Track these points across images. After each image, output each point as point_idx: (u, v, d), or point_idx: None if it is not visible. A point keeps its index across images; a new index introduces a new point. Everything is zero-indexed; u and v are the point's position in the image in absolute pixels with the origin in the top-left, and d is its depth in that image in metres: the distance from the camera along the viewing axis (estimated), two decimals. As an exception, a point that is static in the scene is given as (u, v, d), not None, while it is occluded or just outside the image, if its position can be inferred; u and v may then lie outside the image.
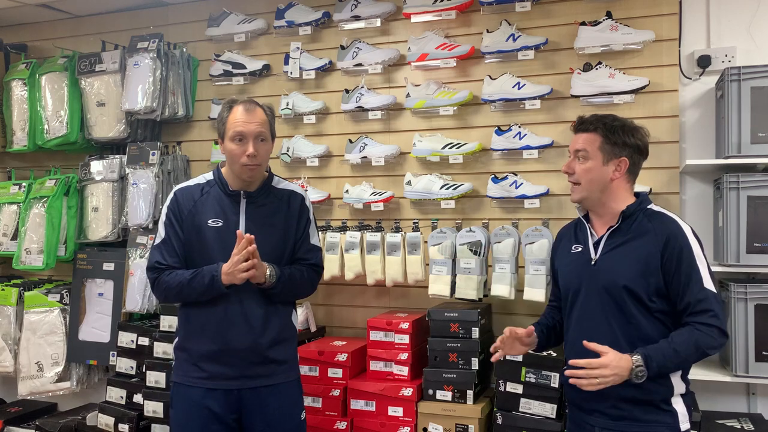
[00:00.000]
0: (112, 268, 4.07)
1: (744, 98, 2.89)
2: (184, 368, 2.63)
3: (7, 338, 4.19)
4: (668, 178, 3.23)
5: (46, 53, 4.49)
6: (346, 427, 3.26)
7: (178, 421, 2.63)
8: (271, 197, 2.68)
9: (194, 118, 4.17)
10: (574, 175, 2.32)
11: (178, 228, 2.61)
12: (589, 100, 3.28)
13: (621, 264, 2.21)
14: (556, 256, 2.50)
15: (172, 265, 2.59)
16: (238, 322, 2.56)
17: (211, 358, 2.57)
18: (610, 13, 3.25)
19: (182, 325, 2.67)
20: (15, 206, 4.29)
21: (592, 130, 2.29)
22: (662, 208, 2.32)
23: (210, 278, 2.49)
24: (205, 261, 2.56)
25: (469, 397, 3.11)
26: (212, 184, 2.66)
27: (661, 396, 2.17)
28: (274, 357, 2.62)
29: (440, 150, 3.50)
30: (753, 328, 2.86)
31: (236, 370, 2.57)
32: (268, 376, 2.60)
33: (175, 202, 2.64)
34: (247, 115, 2.53)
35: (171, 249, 2.60)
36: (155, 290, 2.65)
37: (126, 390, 3.78)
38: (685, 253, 2.16)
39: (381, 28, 3.72)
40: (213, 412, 2.56)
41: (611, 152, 2.27)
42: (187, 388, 2.60)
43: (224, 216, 2.60)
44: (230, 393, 2.57)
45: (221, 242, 2.56)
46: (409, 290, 3.67)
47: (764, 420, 3.02)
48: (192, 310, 2.62)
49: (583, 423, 2.30)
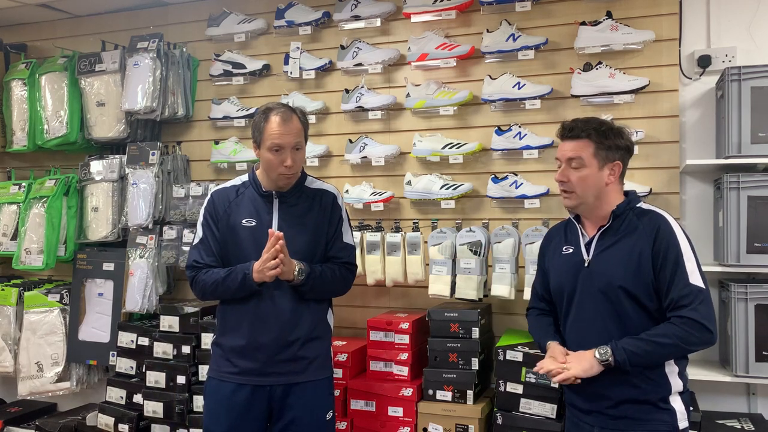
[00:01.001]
0: (112, 268, 4.08)
1: (744, 98, 2.89)
2: (218, 363, 2.70)
3: (7, 338, 4.19)
4: (668, 178, 3.23)
5: (46, 53, 4.49)
6: (346, 427, 3.26)
7: (210, 414, 2.70)
8: (304, 197, 2.73)
9: (194, 118, 4.17)
10: (569, 183, 2.27)
11: (214, 228, 2.69)
12: (589, 100, 3.28)
13: (614, 264, 2.20)
14: (546, 256, 2.47)
15: (209, 264, 2.68)
16: (269, 319, 2.62)
17: (242, 353, 2.63)
18: (610, 13, 3.25)
19: (219, 321, 2.75)
20: (15, 206, 4.29)
21: (585, 137, 2.24)
22: (651, 205, 2.31)
23: (242, 276, 2.56)
24: (240, 260, 2.63)
25: (469, 397, 3.11)
26: (247, 185, 2.74)
27: (660, 395, 2.17)
28: (304, 354, 2.65)
29: (440, 150, 3.50)
30: (753, 328, 2.86)
31: (266, 366, 2.62)
32: (297, 373, 2.64)
33: (212, 203, 2.73)
34: (284, 126, 2.58)
35: (208, 248, 2.69)
36: (193, 288, 2.72)
37: (126, 390, 3.78)
38: (671, 249, 2.15)
39: (381, 28, 3.72)
40: (243, 406, 2.61)
41: (606, 157, 2.24)
42: (219, 382, 2.67)
43: (257, 216, 2.67)
44: (260, 388, 2.62)
45: (255, 241, 2.62)
46: (409, 290, 3.66)
47: (764, 420, 3.02)
48: (227, 307, 2.70)
49: (581, 423, 2.30)
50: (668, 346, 2.11)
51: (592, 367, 2.15)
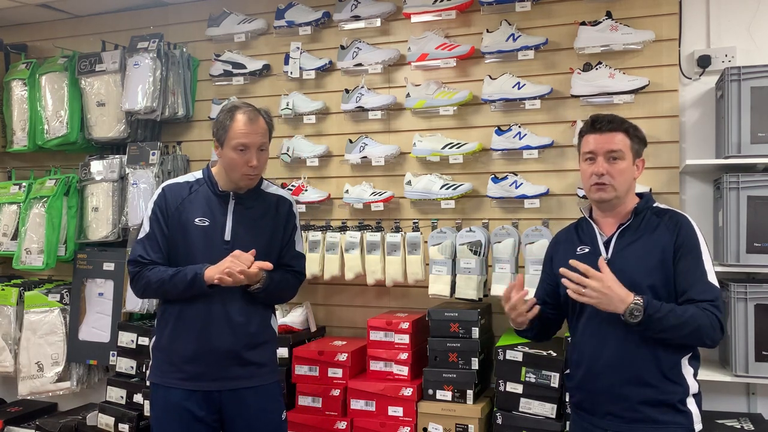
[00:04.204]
0: (112, 268, 4.07)
1: (744, 98, 2.89)
2: (162, 369, 2.60)
3: (7, 338, 4.19)
4: (668, 178, 3.23)
5: (46, 53, 4.49)
6: (346, 427, 3.26)
7: (159, 423, 2.61)
8: (260, 200, 2.68)
9: (194, 118, 4.17)
10: (607, 176, 2.21)
11: (163, 224, 2.59)
12: (589, 100, 3.28)
13: (637, 262, 2.17)
14: (554, 261, 2.40)
15: (155, 261, 2.57)
16: (220, 323, 2.54)
17: (192, 358, 2.54)
18: (610, 13, 3.25)
19: (162, 324, 2.63)
20: (15, 206, 4.29)
21: (622, 129, 2.24)
22: (667, 205, 2.33)
23: (192, 276, 2.47)
24: (189, 259, 2.54)
25: (469, 397, 3.12)
26: (201, 182, 2.65)
27: (679, 396, 2.13)
28: (254, 359, 2.60)
29: (440, 150, 3.50)
30: (753, 328, 2.86)
31: (216, 372, 2.55)
32: (248, 377, 2.59)
33: (163, 197, 2.62)
34: (250, 126, 2.53)
35: (155, 244, 2.57)
36: (134, 284, 2.61)
37: (126, 390, 3.78)
38: (693, 244, 2.14)
39: (381, 28, 3.72)
40: (193, 413, 2.54)
41: (637, 152, 2.27)
42: (167, 389, 2.57)
43: (211, 215, 2.59)
44: (210, 394, 2.55)
45: (206, 241, 2.56)
46: (409, 290, 3.67)
47: (764, 420, 3.02)
48: (174, 310, 2.59)
49: (592, 428, 2.23)
50: (690, 326, 2.05)
51: (622, 301, 2.04)
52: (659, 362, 2.13)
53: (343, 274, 3.56)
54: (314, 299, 3.79)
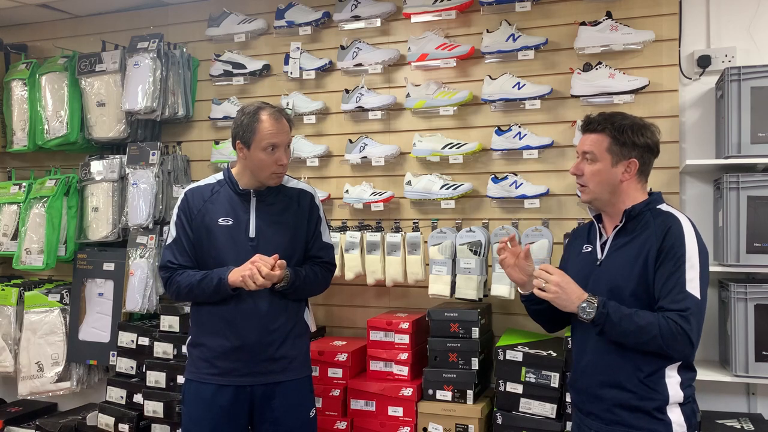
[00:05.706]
0: (112, 268, 4.08)
1: (744, 98, 2.89)
2: (196, 365, 2.67)
3: (7, 338, 4.19)
4: (668, 178, 3.23)
5: (46, 53, 4.49)
6: (346, 427, 3.26)
7: (190, 417, 2.66)
8: (281, 196, 2.72)
9: (194, 118, 4.17)
10: (583, 177, 2.24)
11: (188, 228, 2.65)
12: (589, 100, 3.28)
13: (622, 264, 2.16)
14: (568, 255, 2.44)
15: (183, 264, 2.65)
16: (250, 319, 2.60)
17: (223, 354, 2.60)
18: (610, 13, 3.25)
19: (195, 322, 2.71)
20: (15, 206, 4.29)
21: (600, 130, 2.21)
22: (672, 207, 2.24)
23: (217, 281, 2.54)
24: (216, 259, 2.61)
25: (469, 397, 3.12)
26: (222, 183, 2.71)
27: (656, 404, 2.10)
28: (284, 353, 2.64)
29: (440, 150, 3.50)
30: (753, 328, 2.86)
31: (247, 367, 2.60)
32: (278, 372, 2.63)
33: (186, 202, 2.69)
34: (277, 125, 2.58)
35: (182, 248, 2.66)
36: (167, 289, 2.70)
37: (126, 390, 3.78)
38: (676, 249, 2.08)
39: (381, 28, 3.72)
40: (224, 408, 2.59)
41: (620, 153, 2.19)
42: (199, 384, 2.64)
43: (234, 214, 2.64)
44: (241, 389, 2.60)
45: (231, 240, 2.61)
46: (409, 290, 3.67)
47: (764, 420, 3.02)
48: (204, 308, 2.66)
49: (582, 425, 2.27)
50: (648, 334, 2.03)
51: (578, 298, 2.10)
52: (638, 368, 2.11)
53: (343, 274, 3.56)
54: (314, 299, 3.77)
